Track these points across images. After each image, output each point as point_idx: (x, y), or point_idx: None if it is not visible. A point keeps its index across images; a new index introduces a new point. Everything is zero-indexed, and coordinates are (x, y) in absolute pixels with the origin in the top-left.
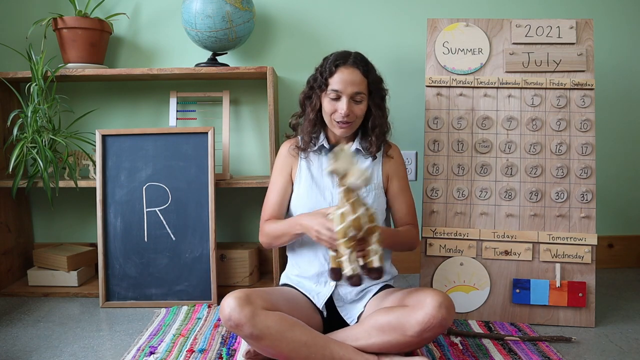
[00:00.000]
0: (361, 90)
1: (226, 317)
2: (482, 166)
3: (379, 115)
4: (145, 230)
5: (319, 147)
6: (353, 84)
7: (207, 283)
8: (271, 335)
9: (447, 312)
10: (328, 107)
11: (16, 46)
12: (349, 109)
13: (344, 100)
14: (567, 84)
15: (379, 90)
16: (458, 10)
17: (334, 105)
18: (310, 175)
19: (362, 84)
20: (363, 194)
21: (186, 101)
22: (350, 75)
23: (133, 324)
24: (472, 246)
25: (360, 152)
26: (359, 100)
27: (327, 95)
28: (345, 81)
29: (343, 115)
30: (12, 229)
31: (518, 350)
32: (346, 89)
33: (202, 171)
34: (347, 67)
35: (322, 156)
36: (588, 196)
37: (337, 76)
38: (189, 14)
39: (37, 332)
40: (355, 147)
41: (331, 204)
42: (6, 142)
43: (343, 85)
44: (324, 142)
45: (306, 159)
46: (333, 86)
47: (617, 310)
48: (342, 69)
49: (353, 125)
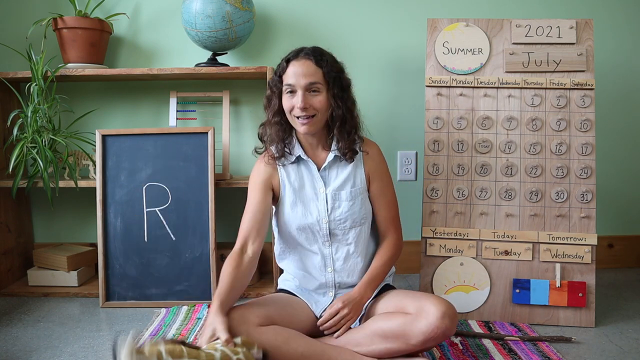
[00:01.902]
0: (316, 80)
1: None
2: (482, 166)
3: (337, 106)
4: (145, 230)
5: (296, 158)
6: (305, 75)
7: (207, 283)
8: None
9: (451, 321)
10: (286, 105)
11: (16, 46)
12: (305, 102)
13: (299, 94)
14: (567, 84)
15: (338, 80)
16: (458, 10)
17: (291, 101)
18: (292, 191)
19: (316, 74)
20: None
21: (186, 101)
22: (302, 67)
23: (133, 324)
24: (472, 246)
25: (338, 159)
26: (316, 91)
27: (284, 93)
28: (296, 74)
29: (300, 108)
30: (12, 229)
31: (518, 350)
32: (299, 81)
33: (202, 171)
34: (298, 60)
35: (300, 167)
36: (588, 196)
37: (290, 70)
38: (189, 14)
39: (37, 332)
40: (333, 154)
41: (318, 218)
42: (6, 142)
43: (295, 78)
44: (301, 153)
45: (285, 169)
46: (287, 81)
47: (617, 310)
48: (294, 62)
49: (315, 121)
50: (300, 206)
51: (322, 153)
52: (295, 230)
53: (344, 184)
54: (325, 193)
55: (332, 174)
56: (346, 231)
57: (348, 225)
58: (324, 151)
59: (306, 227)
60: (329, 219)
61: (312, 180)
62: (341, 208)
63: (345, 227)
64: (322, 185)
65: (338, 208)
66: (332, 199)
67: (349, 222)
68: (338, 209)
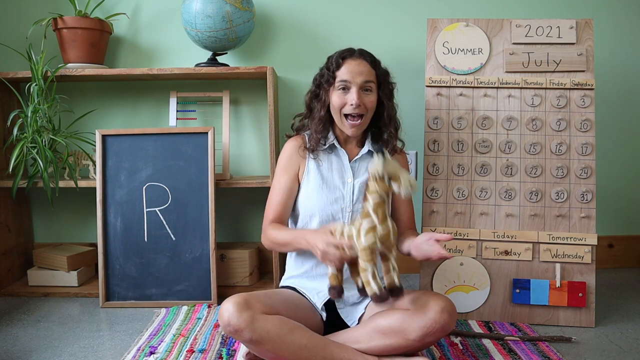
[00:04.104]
0: (370, 79)
1: (225, 323)
2: (482, 166)
3: (390, 106)
4: (145, 230)
5: (330, 146)
6: (361, 73)
7: (207, 283)
8: (271, 339)
9: (450, 317)
10: (337, 101)
11: (16, 46)
12: (360, 99)
13: (354, 90)
14: (567, 84)
15: (388, 83)
16: (458, 10)
17: (343, 97)
18: (320, 176)
19: (370, 74)
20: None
21: (186, 101)
22: (358, 65)
23: (133, 324)
24: (472, 246)
25: (371, 154)
26: (369, 90)
27: (335, 89)
28: (353, 71)
29: (354, 105)
30: (12, 229)
31: (518, 350)
32: (355, 78)
33: (202, 171)
34: (354, 58)
35: (332, 156)
36: (588, 196)
37: (345, 67)
38: (189, 14)
39: (37, 332)
40: (367, 148)
41: (342, 206)
42: (6, 142)
43: (352, 75)
44: (335, 142)
45: (315, 160)
46: (341, 77)
47: (617, 310)
48: (349, 60)
49: (363, 122)
50: (326, 191)
51: (355, 148)
52: (318, 215)
53: None
54: (352, 183)
55: (362, 167)
56: None
57: None
58: (357, 147)
59: (329, 214)
60: (352, 209)
61: (341, 169)
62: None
63: None
64: (350, 175)
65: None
66: (358, 190)
67: None
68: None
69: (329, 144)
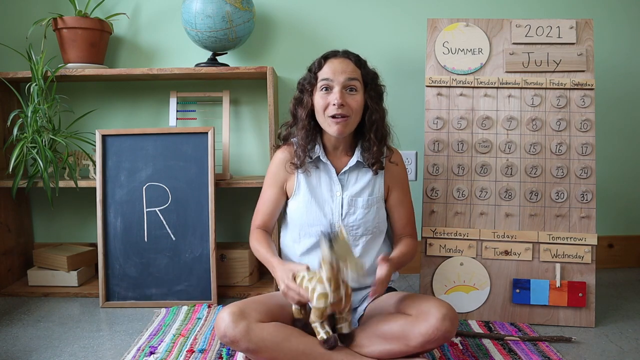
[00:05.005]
0: (354, 77)
1: (222, 334)
2: (482, 166)
3: (376, 109)
4: (145, 230)
5: (316, 159)
6: (344, 71)
7: (207, 283)
8: (267, 347)
9: (451, 324)
10: (320, 103)
11: (16, 46)
12: (342, 99)
13: (336, 89)
14: (567, 84)
15: (374, 85)
16: (458, 10)
17: (326, 98)
18: (308, 190)
19: (354, 72)
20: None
21: (186, 101)
22: (341, 64)
23: (133, 324)
24: (472, 246)
25: (361, 165)
26: (354, 89)
27: (317, 90)
28: (335, 69)
29: (336, 105)
30: (12, 229)
31: (518, 350)
32: (337, 77)
33: (202, 171)
34: (337, 57)
35: (319, 170)
36: (588, 196)
37: (327, 66)
38: (189, 14)
39: (37, 332)
40: (355, 159)
41: (331, 220)
42: (6, 142)
43: (334, 73)
44: (320, 154)
45: (304, 172)
46: (323, 76)
47: (617, 310)
48: (332, 60)
49: (349, 122)
50: (315, 205)
51: (343, 158)
52: (307, 229)
53: (362, 191)
54: (341, 197)
55: (352, 178)
56: (357, 238)
57: (360, 232)
58: (346, 156)
59: (318, 229)
60: (342, 223)
61: (329, 182)
62: (356, 214)
63: (357, 234)
64: (339, 188)
65: (352, 214)
66: (347, 204)
67: (361, 230)
68: (352, 215)
69: (314, 157)
